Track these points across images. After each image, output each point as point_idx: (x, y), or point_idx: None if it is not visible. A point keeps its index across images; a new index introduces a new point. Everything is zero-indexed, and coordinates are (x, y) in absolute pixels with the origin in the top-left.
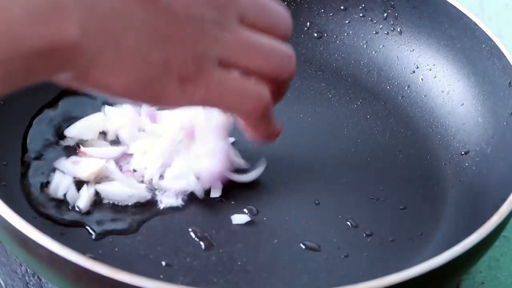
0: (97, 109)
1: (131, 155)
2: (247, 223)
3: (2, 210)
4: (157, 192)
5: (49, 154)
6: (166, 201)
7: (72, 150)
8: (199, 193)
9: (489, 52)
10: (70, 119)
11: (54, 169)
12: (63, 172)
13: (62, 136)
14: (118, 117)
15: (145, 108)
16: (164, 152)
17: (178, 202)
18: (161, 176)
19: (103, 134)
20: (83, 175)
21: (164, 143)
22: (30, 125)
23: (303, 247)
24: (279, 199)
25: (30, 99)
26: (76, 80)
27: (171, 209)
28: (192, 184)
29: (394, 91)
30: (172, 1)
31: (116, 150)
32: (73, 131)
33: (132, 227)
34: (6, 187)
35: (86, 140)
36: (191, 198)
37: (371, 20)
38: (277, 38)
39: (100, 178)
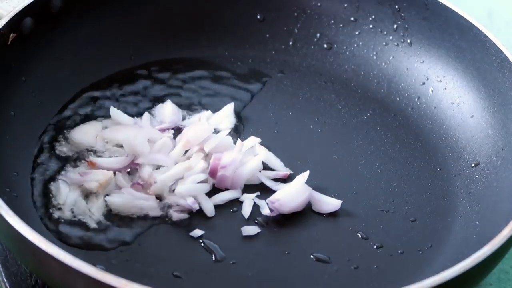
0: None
1: (138, 165)
2: (257, 235)
3: (13, 221)
4: (166, 206)
5: (56, 165)
6: (175, 215)
7: (79, 162)
8: (209, 211)
9: (500, 64)
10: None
11: (61, 182)
12: (69, 184)
13: (67, 142)
14: (124, 125)
15: (147, 116)
16: (176, 167)
17: (186, 216)
18: (171, 190)
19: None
20: (91, 186)
21: (176, 157)
22: (40, 136)
23: (313, 258)
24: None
25: (41, 110)
26: None
27: (181, 221)
28: (202, 201)
29: (404, 102)
30: None
31: (125, 160)
32: (77, 135)
33: (141, 239)
34: (17, 198)
35: (92, 149)
36: (201, 209)
37: (381, 32)
38: None
39: (109, 190)
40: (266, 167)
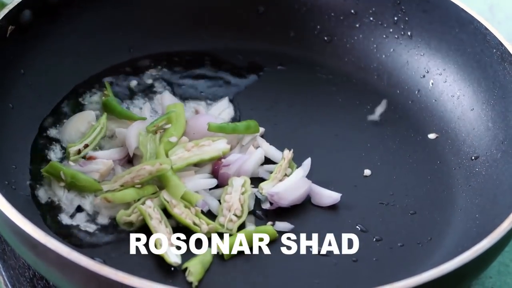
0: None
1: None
2: None
3: (11, 213)
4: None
5: (54, 157)
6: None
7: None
8: (215, 209)
9: (500, 57)
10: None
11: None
12: None
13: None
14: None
15: (148, 107)
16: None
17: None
18: None
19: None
20: (91, 176)
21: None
22: (38, 128)
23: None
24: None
25: (40, 102)
26: None
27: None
28: (208, 200)
29: (404, 95)
30: None
31: (123, 150)
32: (71, 125)
33: (139, 231)
34: (15, 191)
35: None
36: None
37: (381, 24)
38: None
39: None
40: (266, 160)
